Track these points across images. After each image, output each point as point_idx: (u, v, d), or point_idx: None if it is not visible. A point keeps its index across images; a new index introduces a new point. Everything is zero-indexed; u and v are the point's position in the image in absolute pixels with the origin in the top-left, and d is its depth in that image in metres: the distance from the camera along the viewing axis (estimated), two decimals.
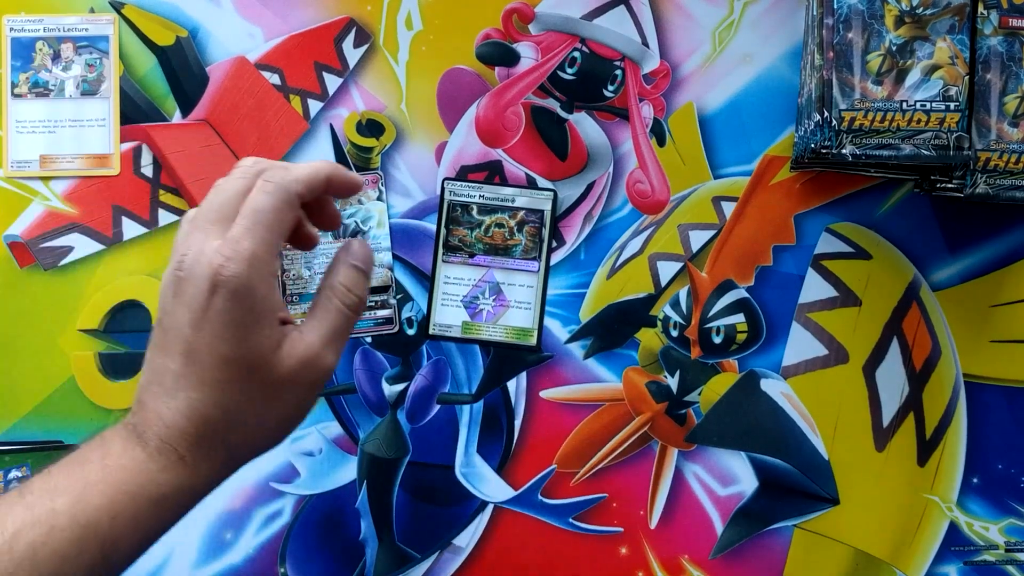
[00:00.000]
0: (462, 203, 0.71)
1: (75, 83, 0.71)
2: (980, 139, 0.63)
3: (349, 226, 0.71)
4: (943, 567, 0.70)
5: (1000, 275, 0.71)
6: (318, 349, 0.46)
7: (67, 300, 0.70)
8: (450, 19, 0.72)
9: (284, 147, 0.71)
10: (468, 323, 0.71)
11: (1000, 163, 0.63)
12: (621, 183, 0.72)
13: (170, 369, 0.43)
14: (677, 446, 0.71)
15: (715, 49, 0.72)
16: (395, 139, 0.72)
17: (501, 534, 0.71)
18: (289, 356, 0.45)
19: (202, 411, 0.43)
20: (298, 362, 0.45)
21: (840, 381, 0.71)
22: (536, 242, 0.71)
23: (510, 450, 0.71)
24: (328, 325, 0.47)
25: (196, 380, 0.43)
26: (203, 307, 0.43)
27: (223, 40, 0.72)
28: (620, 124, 0.72)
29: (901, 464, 0.71)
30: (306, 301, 0.71)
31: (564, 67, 0.72)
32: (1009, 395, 0.71)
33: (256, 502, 0.70)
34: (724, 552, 0.70)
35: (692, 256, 0.72)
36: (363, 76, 0.72)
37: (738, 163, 0.72)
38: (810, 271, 0.71)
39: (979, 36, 0.63)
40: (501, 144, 0.72)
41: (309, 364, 0.45)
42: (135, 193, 0.71)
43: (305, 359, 0.45)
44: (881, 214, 0.71)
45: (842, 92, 0.63)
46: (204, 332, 0.43)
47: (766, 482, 0.71)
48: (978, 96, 0.63)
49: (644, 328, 0.71)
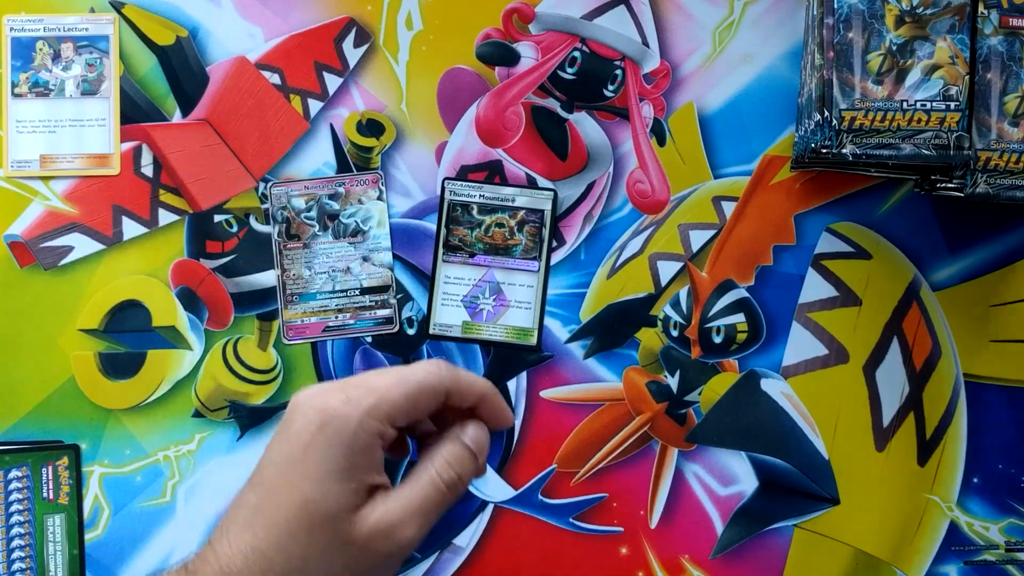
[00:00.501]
0: (462, 203, 0.71)
1: (75, 83, 0.71)
2: (980, 139, 0.63)
3: (349, 226, 0.71)
4: (943, 567, 0.70)
5: (1000, 275, 0.71)
6: (398, 518, 0.43)
7: (67, 300, 0.70)
8: (450, 19, 0.72)
9: (284, 147, 0.71)
10: (468, 323, 0.71)
11: (1000, 163, 0.63)
12: (621, 183, 0.72)
13: (249, 502, 0.42)
14: (677, 446, 0.71)
15: (715, 49, 0.72)
16: (395, 139, 0.72)
17: (501, 534, 0.71)
18: (365, 519, 0.42)
19: (265, 553, 0.41)
20: (373, 527, 0.42)
21: (840, 381, 0.71)
22: (536, 242, 0.71)
23: (510, 450, 0.71)
24: (417, 497, 0.44)
25: (269, 518, 0.41)
26: (305, 443, 0.42)
27: (223, 40, 0.72)
28: (620, 124, 0.72)
29: (901, 464, 0.71)
30: (306, 301, 0.71)
31: (564, 67, 0.72)
32: (1009, 395, 0.71)
33: None
34: (724, 552, 0.70)
35: (692, 256, 0.72)
36: (363, 76, 0.72)
37: (738, 163, 0.72)
38: (810, 271, 0.71)
39: (979, 36, 0.63)
40: (501, 144, 0.72)
41: (385, 533, 0.42)
42: (135, 193, 0.71)
43: (381, 526, 0.42)
44: (881, 214, 0.71)
45: (842, 92, 0.63)
46: (295, 469, 0.42)
47: (766, 482, 0.71)
48: (978, 96, 0.63)
49: (644, 328, 0.71)
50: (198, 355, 0.71)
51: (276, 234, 0.71)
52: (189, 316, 0.71)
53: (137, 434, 0.70)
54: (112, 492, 0.70)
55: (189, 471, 0.70)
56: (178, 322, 0.71)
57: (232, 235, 0.71)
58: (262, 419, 0.70)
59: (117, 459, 0.70)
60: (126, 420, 0.70)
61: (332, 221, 0.71)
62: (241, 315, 0.71)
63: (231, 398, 0.70)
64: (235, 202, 0.71)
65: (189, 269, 0.71)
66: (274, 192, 0.71)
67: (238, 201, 0.71)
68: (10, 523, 0.68)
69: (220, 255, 0.71)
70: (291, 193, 0.71)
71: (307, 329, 0.71)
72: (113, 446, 0.70)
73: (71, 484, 0.69)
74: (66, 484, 0.69)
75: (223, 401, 0.70)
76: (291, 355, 0.71)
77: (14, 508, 0.68)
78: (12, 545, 0.68)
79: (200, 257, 0.71)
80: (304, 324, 0.71)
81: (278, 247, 0.71)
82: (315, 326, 0.71)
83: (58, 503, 0.68)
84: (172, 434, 0.70)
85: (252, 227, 0.71)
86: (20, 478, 0.68)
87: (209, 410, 0.70)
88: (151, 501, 0.70)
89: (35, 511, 0.68)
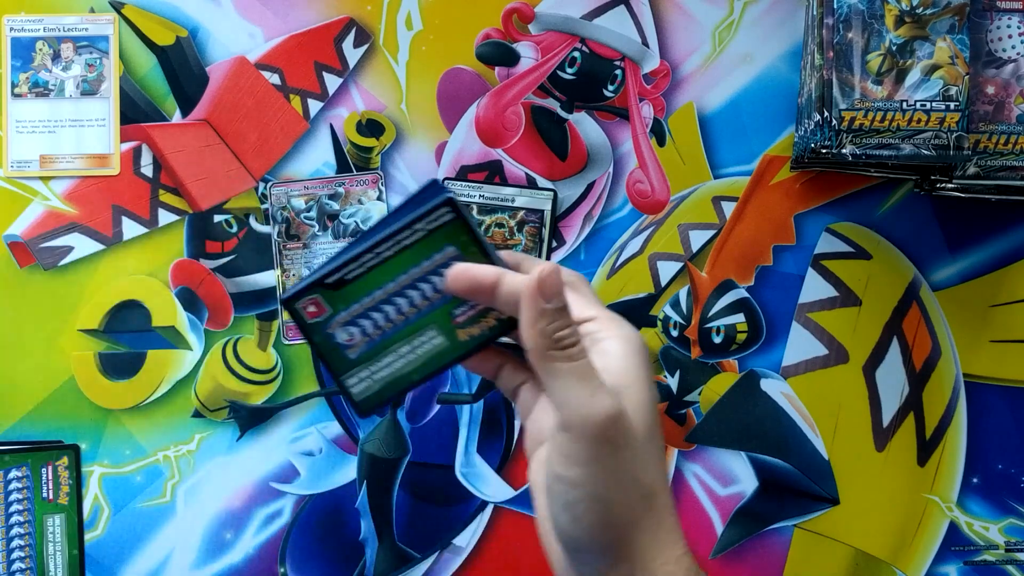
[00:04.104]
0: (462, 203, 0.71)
1: (75, 83, 0.71)
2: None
3: (349, 226, 0.71)
4: (943, 567, 0.70)
5: (1000, 275, 0.71)
6: None
7: (67, 300, 0.70)
8: (450, 19, 0.72)
9: (284, 147, 0.71)
10: None
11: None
12: (621, 183, 0.72)
13: None
14: (677, 446, 0.71)
15: (715, 49, 0.72)
16: (395, 139, 0.72)
17: (501, 534, 0.71)
18: None
19: None
20: None
21: (840, 381, 0.71)
22: (536, 242, 0.71)
23: (510, 450, 0.71)
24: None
25: None
26: None
27: (223, 40, 0.72)
28: (620, 124, 0.72)
29: (901, 464, 0.70)
30: None
31: (564, 67, 0.72)
32: (1009, 395, 0.71)
33: (256, 502, 0.70)
34: (724, 552, 0.70)
35: (692, 256, 0.72)
36: (363, 76, 0.72)
37: (738, 163, 0.72)
38: (810, 271, 0.71)
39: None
40: (501, 144, 0.72)
41: None
42: (135, 193, 0.71)
43: None
44: (881, 214, 0.71)
45: (842, 92, 0.63)
46: None
47: (766, 482, 0.71)
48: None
49: (644, 328, 0.71)
50: (198, 355, 0.71)
51: (276, 234, 0.71)
52: (189, 316, 0.71)
53: (137, 434, 0.70)
54: (112, 492, 0.70)
55: (189, 471, 0.70)
56: (178, 322, 0.71)
57: (232, 235, 0.71)
58: (262, 419, 0.70)
59: (117, 459, 0.70)
60: (126, 420, 0.70)
61: (332, 221, 0.71)
62: (241, 315, 0.71)
63: (231, 398, 0.70)
64: (235, 202, 0.71)
65: (189, 269, 0.71)
66: (274, 192, 0.71)
67: (238, 201, 0.71)
68: (10, 523, 0.68)
69: (220, 255, 0.71)
70: (291, 193, 0.71)
71: None
72: (113, 446, 0.70)
73: (71, 484, 0.69)
74: (66, 484, 0.69)
75: (223, 401, 0.70)
76: (291, 355, 0.71)
77: (14, 508, 0.68)
78: (12, 545, 0.68)
79: (200, 257, 0.71)
80: None
81: (278, 247, 0.71)
82: None
83: (58, 503, 0.68)
84: (172, 434, 0.70)
85: (252, 227, 0.71)
86: (20, 478, 0.68)
87: (209, 410, 0.70)
88: (151, 501, 0.70)
89: (35, 511, 0.68)
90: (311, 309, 0.43)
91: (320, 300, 0.43)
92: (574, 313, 0.41)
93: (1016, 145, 0.64)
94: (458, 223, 0.42)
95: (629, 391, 0.40)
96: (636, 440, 0.39)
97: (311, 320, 0.43)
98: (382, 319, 0.43)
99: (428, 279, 0.43)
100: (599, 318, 0.42)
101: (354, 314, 0.43)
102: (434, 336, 0.43)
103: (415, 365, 0.44)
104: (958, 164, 0.64)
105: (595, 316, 0.42)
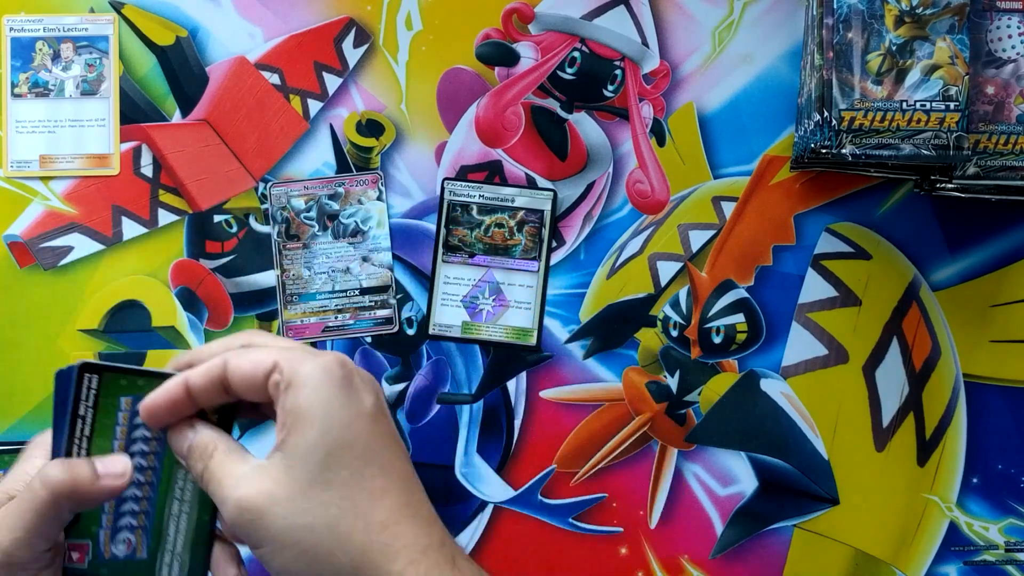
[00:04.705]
0: (462, 203, 0.71)
1: (75, 83, 0.71)
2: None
3: (348, 226, 0.71)
4: (943, 567, 0.70)
5: (1000, 275, 0.71)
6: None
7: (67, 300, 0.70)
8: (450, 19, 0.72)
9: (284, 147, 0.71)
10: (468, 323, 0.71)
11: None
12: (621, 183, 0.72)
13: None
14: (677, 446, 0.71)
15: (715, 49, 0.72)
16: (395, 139, 0.72)
17: (501, 534, 0.71)
18: None
19: None
20: None
21: (840, 381, 0.71)
22: (536, 242, 0.71)
23: (510, 450, 0.71)
24: None
25: None
26: None
27: (223, 40, 0.72)
28: (620, 124, 0.72)
29: (901, 464, 0.70)
30: (305, 301, 0.71)
31: (564, 67, 0.72)
32: (1009, 395, 0.71)
33: None
34: (724, 552, 0.70)
35: (692, 256, 0.72)
36: (363, 76, 0.72)
37: (738, 163, 0.72)
38: (810, 271, 0.71)
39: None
40: (501, 144, 0.72)
41: None
42: (135, 193, 0.71)
43: None
44: (881, 214, 0.71)
45: (842, 92, 0.63)
46: None
47: (766, 482, 0.71)
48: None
49: (644, 328, 0.71)
50: None
51: (276, 234, 0.71)
52: (189, 316, 0.71)
53: None
54: None
55: None
56: (178, 322, 0.71)
57: (232, 235, 0.71)
58: (262, 419, 0.70)
59: None
60: None
61: (332, 221, 0.71)
62: (241, 315, 0.71)
63: None
64: (235, 202, 0.71)
65: (189, 269, 0.71)
66: (274, 192, 0.71)
67: (238, 201, 0.71)
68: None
69: (220, 255, 0.71)
70: (291, 193, 0.71)
71: (306, 329, 0.71)
72: None
73: None
74: None
75: None
76: None
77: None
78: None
79: (200, 257, 0.71)
80: (304, 324, 0.71)
81: (278, 247, 0.71)
82: (314, 326, 0.71)
83: None
84: None
85: (252, 227, 0.71)
86: None
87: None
88: None
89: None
90: (75, 555, 0.42)
91: (74, 542, 0.42)
92: (246, 370, 0.41)
93: (1016, 145, 0.64)
94: (109, 376, 0.42)
95: (299, 438, 0.40)
96: (280, 519, 0.40)
97: (87, 563, 0.42)
98: (135, 504, 0.42)
99: (133, 439, 0.42)
100: (279, 363, 0.41)
101: (111, 522, 0.42)
102: (187, 472, 0.43)
103: (196, 506, 0.43)
104: (958, 164, 0.64)
105: (276, 362, 0.41)
